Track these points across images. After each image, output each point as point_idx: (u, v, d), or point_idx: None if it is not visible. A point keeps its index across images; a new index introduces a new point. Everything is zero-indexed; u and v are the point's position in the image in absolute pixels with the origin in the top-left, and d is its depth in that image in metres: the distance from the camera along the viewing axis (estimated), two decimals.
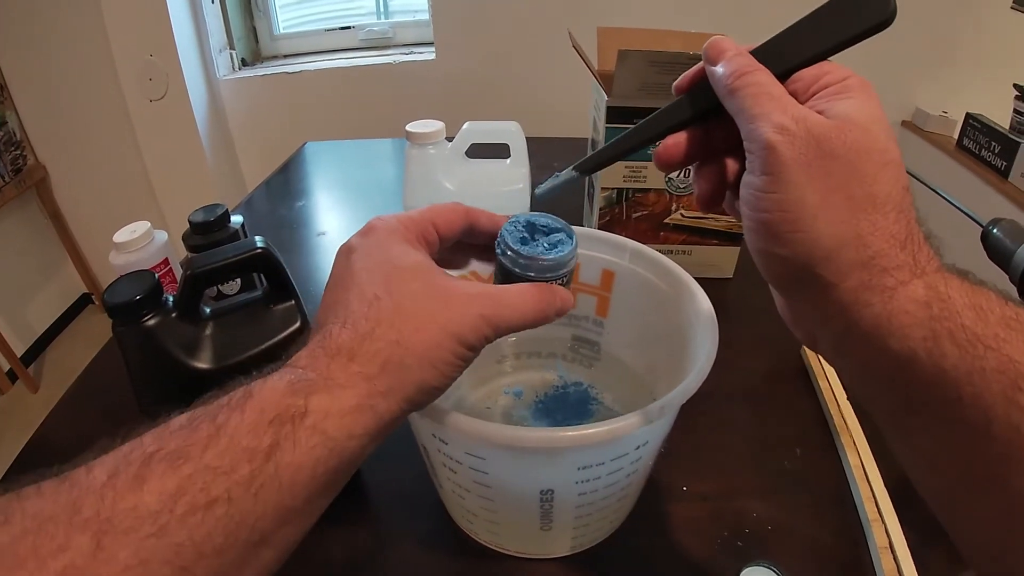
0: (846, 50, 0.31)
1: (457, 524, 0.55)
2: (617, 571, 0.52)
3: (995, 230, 0.65)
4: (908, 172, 0.81)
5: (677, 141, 0.35)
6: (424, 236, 0.36)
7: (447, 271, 0.34)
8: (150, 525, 0.23)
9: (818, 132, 0.28)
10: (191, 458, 0.25)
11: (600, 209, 0.84)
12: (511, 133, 0.80)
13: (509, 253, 0.36)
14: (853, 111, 0.29)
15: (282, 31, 2.24)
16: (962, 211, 0.73)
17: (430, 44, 2.07)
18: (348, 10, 2.20)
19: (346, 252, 0.35)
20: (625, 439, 0.40)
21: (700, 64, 0.34)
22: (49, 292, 2.47)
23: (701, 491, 0.58)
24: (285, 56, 2.25)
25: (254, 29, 2.22)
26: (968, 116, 1.72)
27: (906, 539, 0.52)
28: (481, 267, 0.43)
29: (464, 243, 0.40)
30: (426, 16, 2.10)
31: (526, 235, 0.37)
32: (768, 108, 0.29)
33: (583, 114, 0.88)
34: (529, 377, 0.65)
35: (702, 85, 0.33)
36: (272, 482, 0.26)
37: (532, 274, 0.36)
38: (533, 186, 0.88)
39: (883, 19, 0.30)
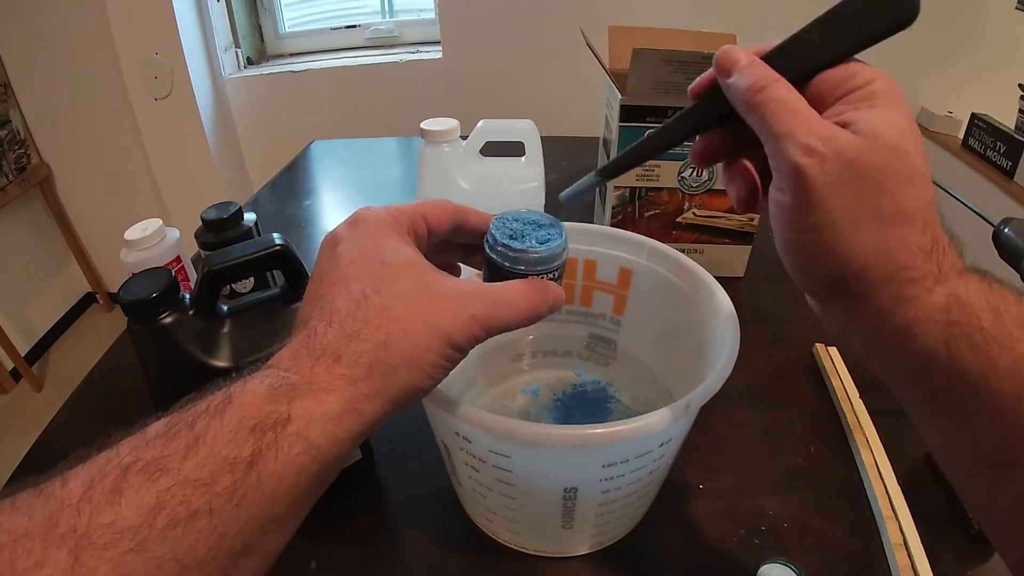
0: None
1: (475, 522, 0.55)
2: (636, 570, 0.52)
3: (1007, 229, 0.65)
4: None
5: (705, 144, 0.35)
6: (414, 229, 0.35)
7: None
8: (129, 540, 0.22)
9: (847, 153, 0.28)
10: (169, 470, 0.24)
11: (613, 208, 0.84)
12: (526, 131, 0.80)
13: (499, 248, 0.35)
14: (882, 125, 0.28)
15: (287, 29, 2.24)
16: (973, 211, 0.73)
17: (436, 43, 2.07)
18: (353, 9, 2.20)
19: (332, 243, 0.33)
20: (651, 436, 0.40)
21: (712, 71, 0.33)
22: (53, 291, 2.48)
23: (717, 489, 0.58)
24: (290, 55, 2.25)
25: (259, 27, 2.21)
26: (973, 116, 1.72)
27: (919, 535, 0.52)
28: (466, 269, 0.42)
29: (451, 242, 0.39)
30: (431, 15, 2.10)
31: (515, 231, 0.36)
32: (792, 127, 0.28)
33: (591, 113, 0.88)
34: (546, 375, 0.65)
35: (717, 89, 0.32)
36: (255, 492, 0.25)
37: (522, 267, 0.35)
38: (548, 184, 0.88)
39: (907, 15, 0.28)
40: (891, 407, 0.49)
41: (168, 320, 0.48)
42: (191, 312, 0.49)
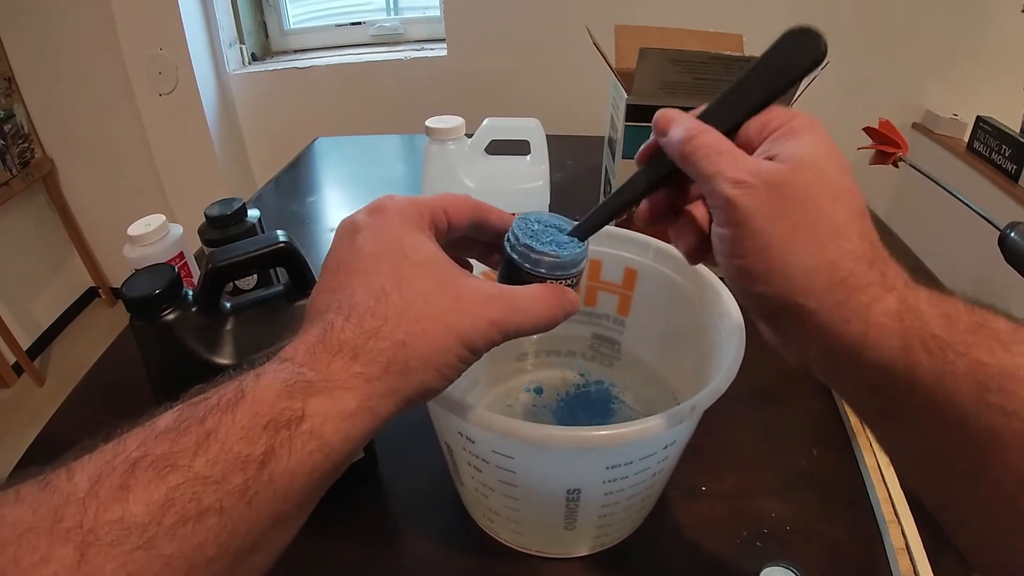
0: (855, 54, 0.32)
1: (477, 523, 0.55)
2: (637, 571, 0.52)
3: (1012, 233, 0.65)
4: (930, 178, 0.81)
5: (651, 204, 0.37)
6: (435, 223, 0.34)
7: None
8: (137, 537, 0.22)
9: (773, 179, 0.29)
10: (179, 467, 0.24)
11: None
12: (531, 130, 0.80)
13: (520, 248, 0.35)
14: (802, 151, 0.30)
15: (292, 26, 2.24)
16: (980, 215, 0.73)
17: (441, 40, 2.07)
18: (358, 6, 2.20)
19: (351, 230, 0.33)
20: (656, 438, 0.40)
21: (654, 137, 0.35)
22: (56, 286, 2.48)
23: (720, 491, 0.58)
24: (295, 51, 2.24)
25: (264, 24, 2.21)
26: (979, 119, 1.72)
27: (922, 540, 0.52)
28: (480, 266, 0.41)
29: (468, 238, 0.38)
30: (436, 12, 2.10)
31: (537, 233, 0.36)
32: (721, 166, 0.30)
33: (596, 112, 0.88)
34: (550, 375, 0.65)
35: (660, 152, 0.34)
36: (266, 490, 0.25)
37: (543, 271, 0.35)
38: (552, 184, 0.88)
39: (815, 59, 0.31)
40: None
41: (171, 317, 0.47)
42: (194, 309, 0.49)
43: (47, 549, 0.21)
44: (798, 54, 0.31)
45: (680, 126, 0.32)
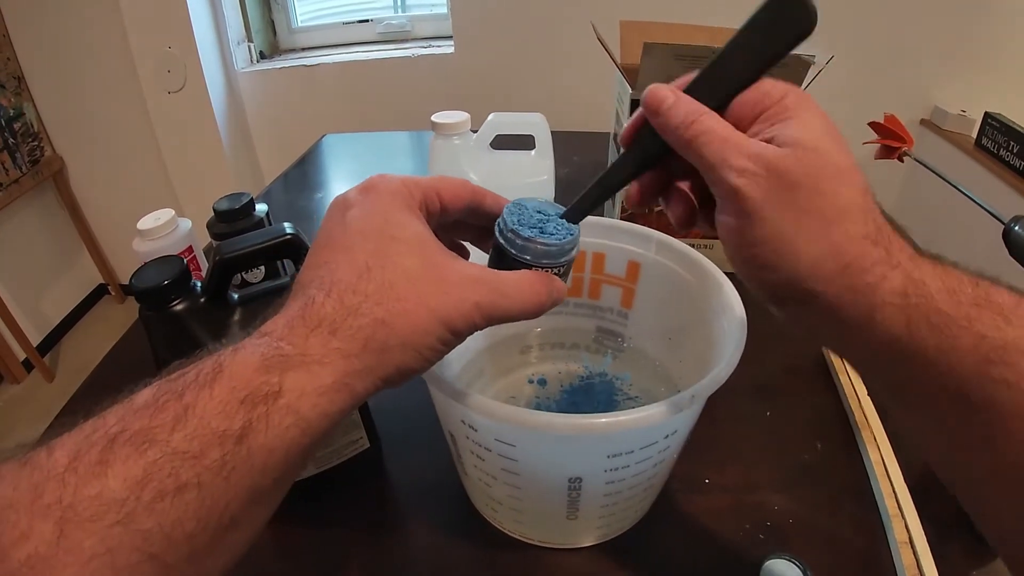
0: (863, 51, 0.31)
1: (480, 513, 0.55)
2: (640, 562, 0.52)
3: (1016, 227, 0.65)
4: (935, 172, 0.81)
5: (641, 185, 0.37)
6: (427, 204, 0.34)
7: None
8: (115, 512, 0.22)
9: (776, 165, 0.29)
10: (157, 442, 0.24)
11: (622, 203, 0.84)
12: (536, 125, 0.80)
13: (508, 234, 0.35)
14: (801, 133, 0.30)
15: (300, 24, 2.25)
16: (984, 208, 0.73)
17: (448, 38, 2.07)
18: (366, 3, 2.20)
19: (342, 207, 0.32)
20: (655, 427, 0.40)
21: (639, 113, 0.34)
22: (65, 282, 2.50)
23: (723, 483, 0.58)
24: (303, 49, 2.25)
25: (272, 22, 2.22)
26: (987, 115, 1.71)
27: (925, 535, 0.52)
28: (476, 252, 0.41)
29: (465, 222, 0.38)
30: (443, 10, 2.10)
31: (528, 219, 0.36)
32: (724, 154, 0.30)
33: (603, 108, 0.88)
34: (554, 368, 0.65)
35: (648, 131, 0.34)
36: (244, 465, 0.25)
37: (528, 258, 0.35)
38: (558, 179, 0.88)
39: (805, 28, 0.30)
40: None
41: (179, 307, 0.48)
42: (202, 300, 0.49)
43: (27, 525, 0.21)
44: (786, 21, 0.30)
45: (676, 110, 0.32)
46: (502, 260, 0.35)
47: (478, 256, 0.39)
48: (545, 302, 0.34)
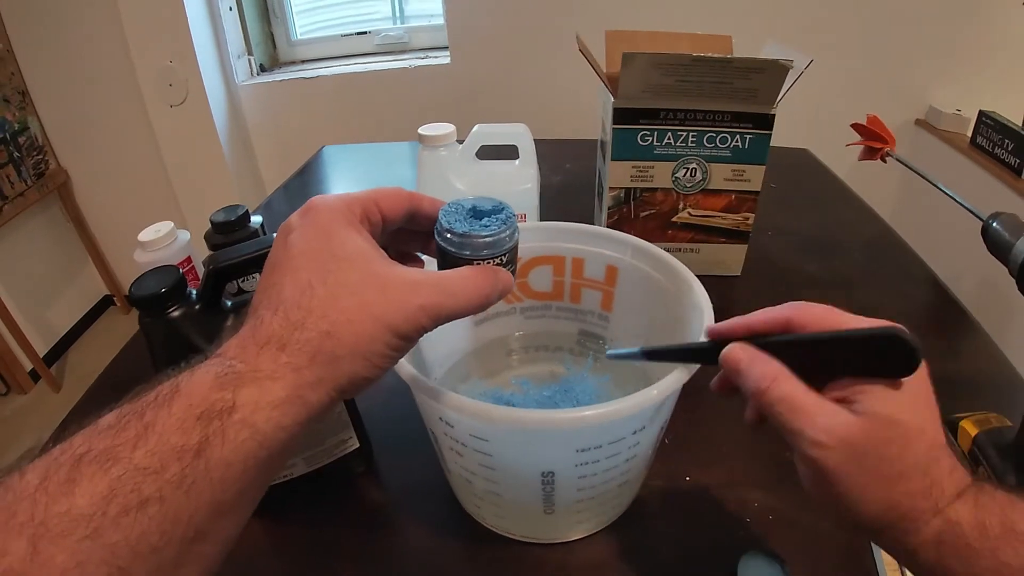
0: (858, 51, 0.33)
1: (465, 510, 0.57)
2: (620, 557, 0.53)
3: (994, 224, 0.66)
4: (916, 172, 0.82)
5: (722, 382, 0.42)
6: (368, 217, 0.35)
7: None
8: (84, 528, 0.23)
9: (849, 439, 0.33)
10: (120, 459, 0.25)
11: (609, 208, 0.86)
12: (519, 135, 0.82)
13: (446, 234, 0.35)
14: (879, 404, 0.33)
15: (299, 36, 2.27)
16: (963, 206, 0.74)
17: (445, 48, 2.09)
18: (364, 15, 2.23)
19: (285, 232, 0.33)
20: (620, 422, 0.41)
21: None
22: (71, 294, 2.53)
23: (703, 481, 0.59)
24: (303, 61, 2.28)
25: (272, 35, 2.25)
26: (981, 114, 1.72)
27: None
28: (432, 263, 0.41)
29: (408, 230, 0.39)
30: (441, 21, 2.12)
31: (462, 217, 0.36)
32: (801, 424, 0.34)
33: (596, 115, 0.89)
34: (537, 370, 0.66)
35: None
36: (203, 479, 0.26)
37: (467, 253, 0.35)
38: (550, 186, 0.89)
39: (904, 374, 0.33)
40: None
41: (176, 313, 0.50)
42: (197, 307, 0.51)
43: (2, 543, 0.22)
44: (891, 361, 0.33)
45: (750, 373, 0.36)
46: (445, 260, 0.36)
47: (432, 267, 0.40)
48: (491, 295, 0.35)
